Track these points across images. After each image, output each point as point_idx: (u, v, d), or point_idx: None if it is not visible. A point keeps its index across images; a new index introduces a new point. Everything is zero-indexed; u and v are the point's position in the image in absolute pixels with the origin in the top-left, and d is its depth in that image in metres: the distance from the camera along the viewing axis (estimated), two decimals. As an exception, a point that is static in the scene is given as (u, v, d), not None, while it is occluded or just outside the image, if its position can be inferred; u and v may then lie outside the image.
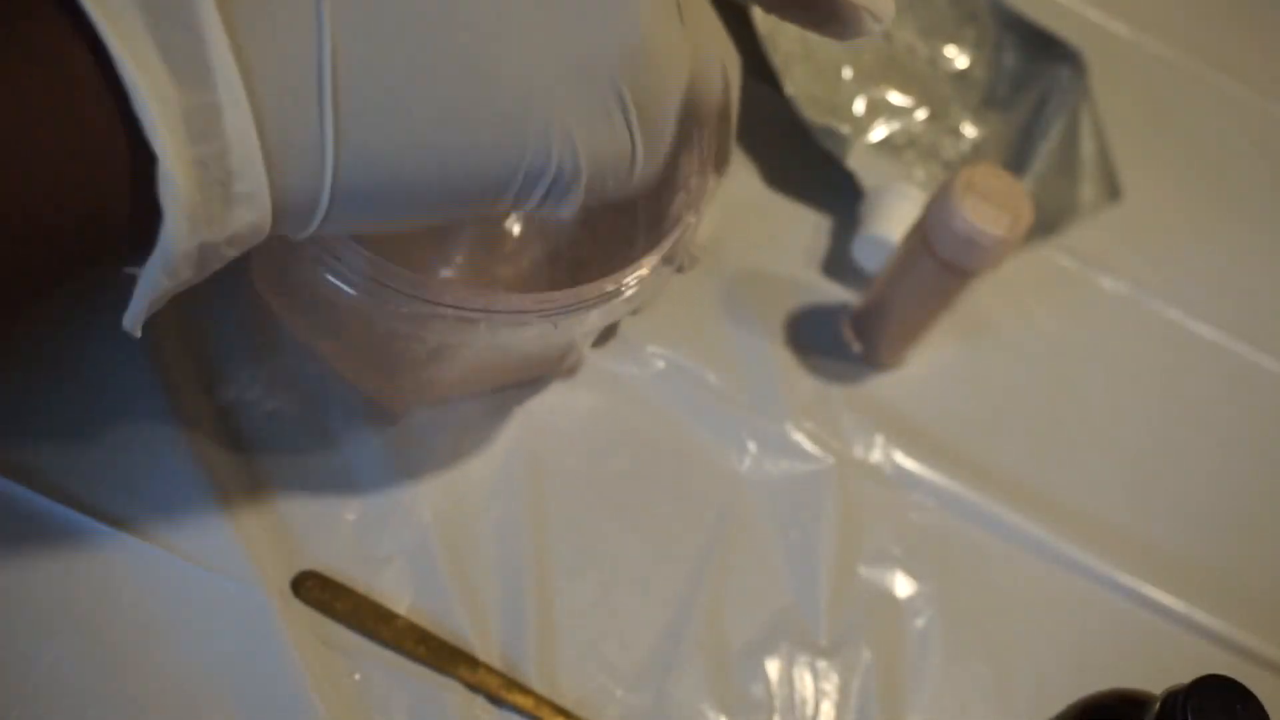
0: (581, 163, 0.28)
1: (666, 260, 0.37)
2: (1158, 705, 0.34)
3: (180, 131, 0.22)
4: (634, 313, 0.43)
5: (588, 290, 0.35)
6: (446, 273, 0.45)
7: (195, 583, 0.39)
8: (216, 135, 0.23)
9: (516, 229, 0.46)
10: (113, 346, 0.42)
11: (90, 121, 0.22)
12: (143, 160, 0.23)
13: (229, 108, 0.23)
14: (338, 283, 0.33)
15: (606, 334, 0.48)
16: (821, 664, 0.45)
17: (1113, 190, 0.61)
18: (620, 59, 0.27)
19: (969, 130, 0.60)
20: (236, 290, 0.44)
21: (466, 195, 0.27)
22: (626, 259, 0.36)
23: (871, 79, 0.59)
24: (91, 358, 0.42)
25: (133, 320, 0.25)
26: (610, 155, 0.28)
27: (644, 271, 0.36)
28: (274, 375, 0.44)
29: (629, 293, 0.37)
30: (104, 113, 0.22)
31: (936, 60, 0.61)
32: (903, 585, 0.47)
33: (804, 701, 0.44)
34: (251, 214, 0.24)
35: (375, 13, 0.24)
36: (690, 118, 0.39)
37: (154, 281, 0.24)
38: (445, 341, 0.38)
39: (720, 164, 0.39)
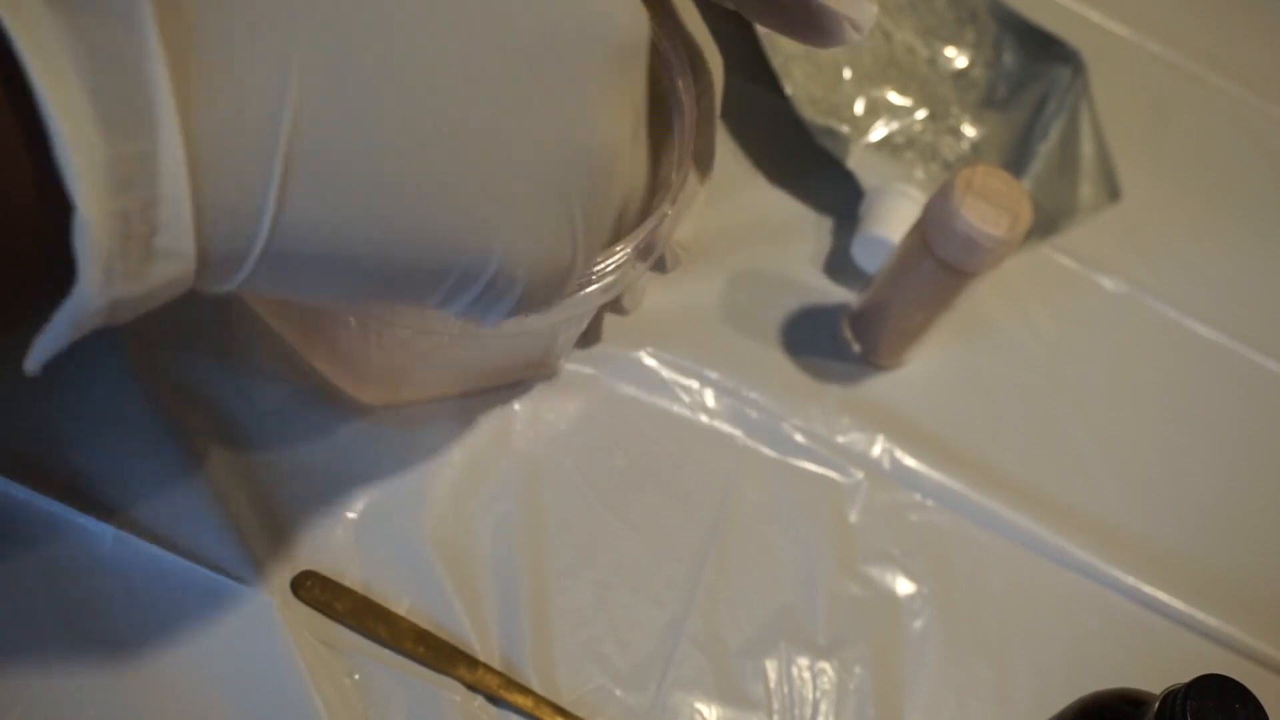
0: (519, 274, 0.26)
1: (641, 253, 0.37)
2: (1157, 704, 0.34)
3: (102, 181, 0.21)
4: (620, 312, 0.43)
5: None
6: None
7: (195, 583, 0.39)
8: (145, 186, 0.21)
9: None
10: (112, 349, 0.42)
11: (2, 157, 0.21)
12: (60, 205, 0.21)
13: (164, 158, 0.21)
14: None
15: (590, 336, 0.48)
16: (820, 664, 0.45)
17: (1112, 190, 0.61)
18: (580, 176, 0.26)
19: (969, 130, 0.60)
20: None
21: (396, 285, 0.26)
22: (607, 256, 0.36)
23: (871, 79, 0.59)
24: (89, 357, 0.42)
25: (34, 365, 0.23)
26: (551, 269, 0.27)
27: (616, 260, 0.36)
28: (272, 375, 0.44)
29: (600, 282, 0.36)
30: (17, 150, 0.21)
31: (936, 60, 0.61)
32: (902, 585, 0.47)
33: (802, 701, 0.44)
34: (172, 270, 0.22)
35: (345, 83, 0.23)
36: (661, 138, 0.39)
37: (60, 333, 0.22)
38: (417, 329, 0.37)
39: (703, 164, 0.39)
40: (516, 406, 0.46)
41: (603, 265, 0.36)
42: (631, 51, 0.26)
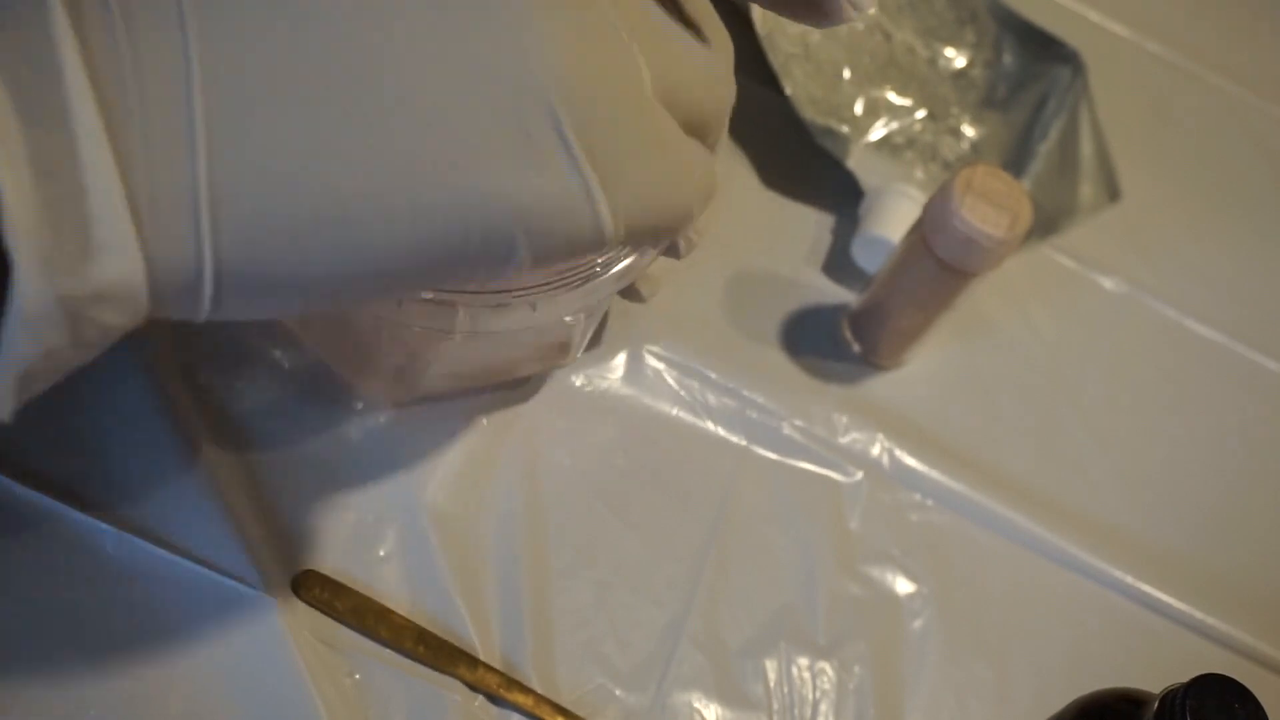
0: (514, 220, 0.24)
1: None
2: (1156, 704, 0.34)
3: (25, 169, 0.21)
4: (638, 299, 0.43)
5: (561, 266, 0.34)
6: None
7: (195, 582, 0.39)
8: (68, 177, 0.21)
9: None
10: (111, 348, 0.42)
11: None
12: None
13: (84, 146, 0.21)
14: None
15: (594, 339, 0.48)
16: (820, 664, 0.45)
17: (1112, 190, 0.61)
18: (549, 93, 0.24)
19: (969, 130, 0.60)
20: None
21: (382, 275, 0.24)
22: None
23: (871, 79, 0.59)
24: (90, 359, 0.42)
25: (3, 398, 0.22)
26: (555, 205, 0.24)
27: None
28: (273, 374, 0.44)
29: (609, 272, 0.36)
30: None
31: (936, 60, 0.61)
32: (901, 585, 0.47)
33: (802, 701, 0.44)
34: (119, 267, 0.22)
35: (253, 62, 0.22)
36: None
37: (14, 343, 0.21)
38: (429, 328, 0.37)
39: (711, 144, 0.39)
40: (517, 406, 0.46)
41: (613, 254, 0.36)
42: None
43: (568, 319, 0.40)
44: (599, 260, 0.35)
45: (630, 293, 0.42)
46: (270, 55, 0.22)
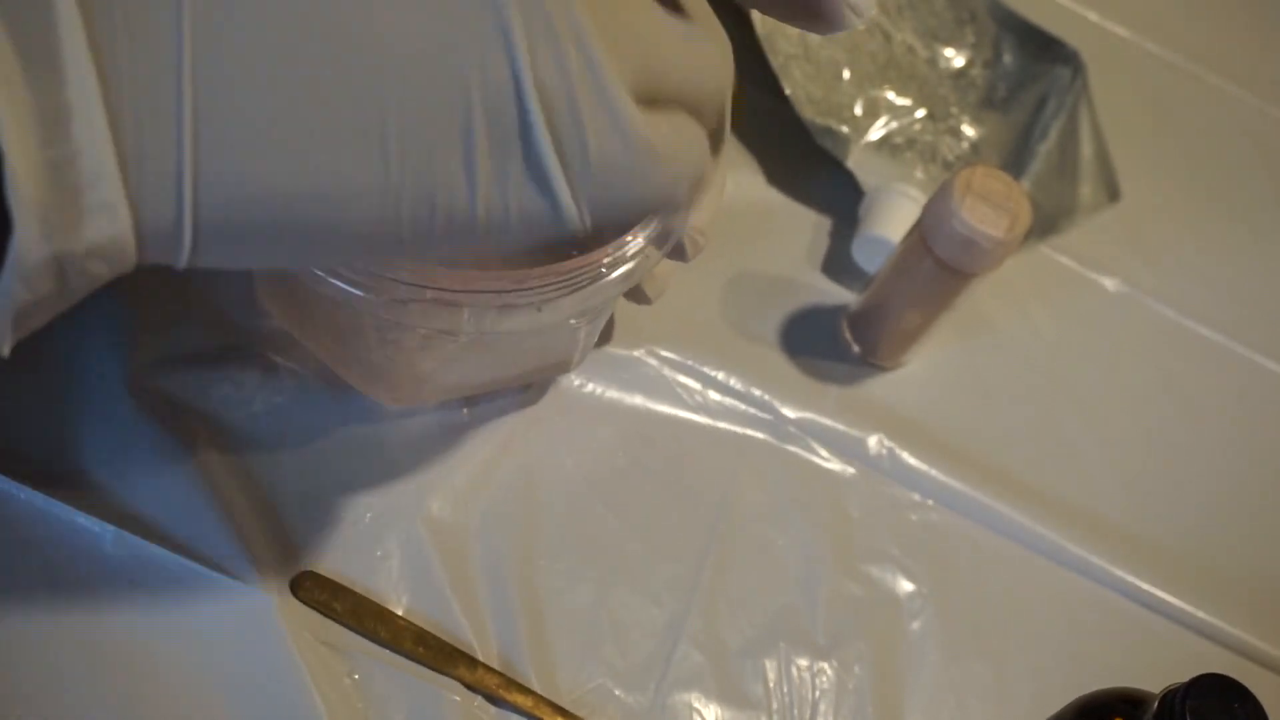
0: (479, 210, 0.25)
1: (657, 241, 0.37)
2: (1156, 704, 0.34)
3: (30, 130, 0.21)
4: (644, 301, 0.43)
5: (567, 267, 0.34)
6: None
7: (195, 582, 0.39)
8: (68, 139, 0.22)
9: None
10: (110, 347, 0.42)
11: None
12: None
13: (79, 110, 0.22)
14: (319, 270, 0.33)
15: (604, 335, 0.48)
16: (819, 664, 0.45)
17: (1112, 191, 0.61)
18: (516, 88, 0.24)
19: (969, 130, 0.60)
20: (233, 289, 0.44)
21: (354, 235, 0.25)
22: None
23: (870, 79, 0.59)
24: (89, 358, 0.42)
25: None
26: (519, 197, 0.25)
27: (627, 249, 0.36)
28: (272, 374, 0.44)
29: (614, 274, 0.36)
30: None
31: (936, 61, 0.61)
32: (901, 585, 0.47)
33: (802, 701, 0.44)
34: (111, 227, 0.23)
35: (241, 36, 0.23)
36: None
37: (11, 292, 0.22)
38: (432, 329, 0.37)
39: (715, 147, 0.39)
40: (517, 407, 0.46)
41: (617, 254, 0.35)
42: None
43: (572, 322, 0.40)
44: (604, 262, 0.35)
45: (636, 294, 0.42)
46: (258, 29, 0.23)
